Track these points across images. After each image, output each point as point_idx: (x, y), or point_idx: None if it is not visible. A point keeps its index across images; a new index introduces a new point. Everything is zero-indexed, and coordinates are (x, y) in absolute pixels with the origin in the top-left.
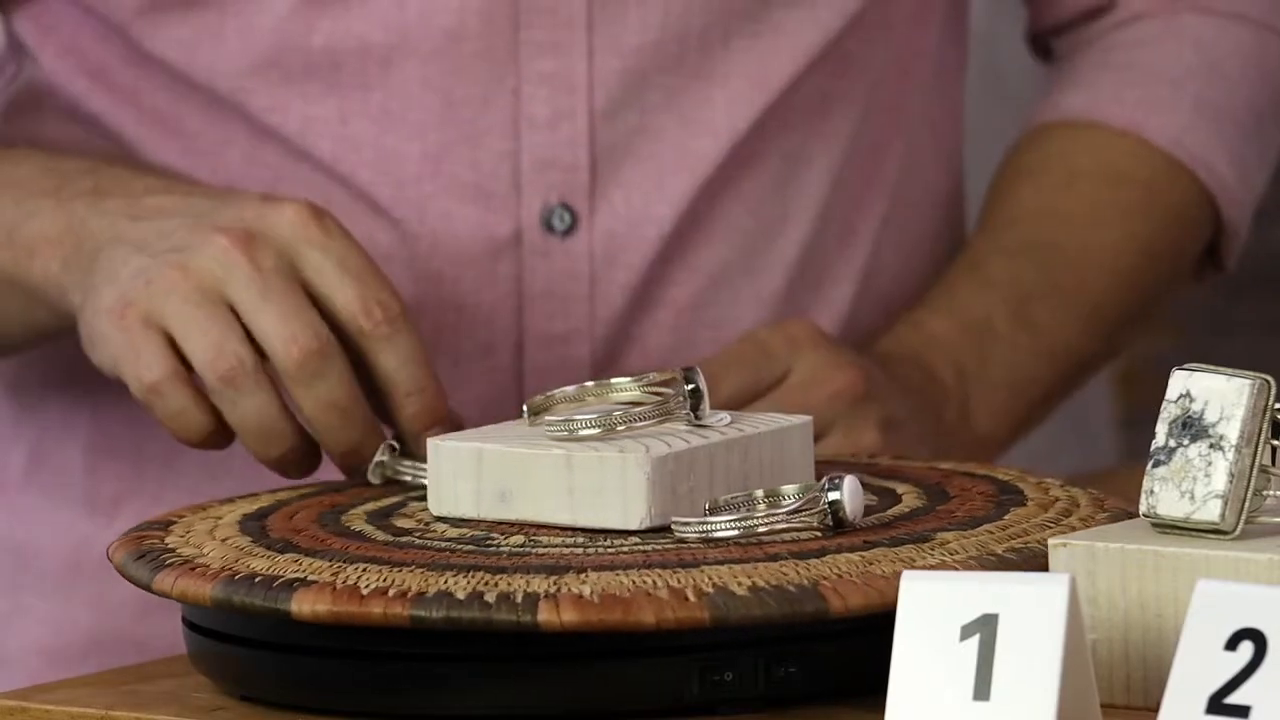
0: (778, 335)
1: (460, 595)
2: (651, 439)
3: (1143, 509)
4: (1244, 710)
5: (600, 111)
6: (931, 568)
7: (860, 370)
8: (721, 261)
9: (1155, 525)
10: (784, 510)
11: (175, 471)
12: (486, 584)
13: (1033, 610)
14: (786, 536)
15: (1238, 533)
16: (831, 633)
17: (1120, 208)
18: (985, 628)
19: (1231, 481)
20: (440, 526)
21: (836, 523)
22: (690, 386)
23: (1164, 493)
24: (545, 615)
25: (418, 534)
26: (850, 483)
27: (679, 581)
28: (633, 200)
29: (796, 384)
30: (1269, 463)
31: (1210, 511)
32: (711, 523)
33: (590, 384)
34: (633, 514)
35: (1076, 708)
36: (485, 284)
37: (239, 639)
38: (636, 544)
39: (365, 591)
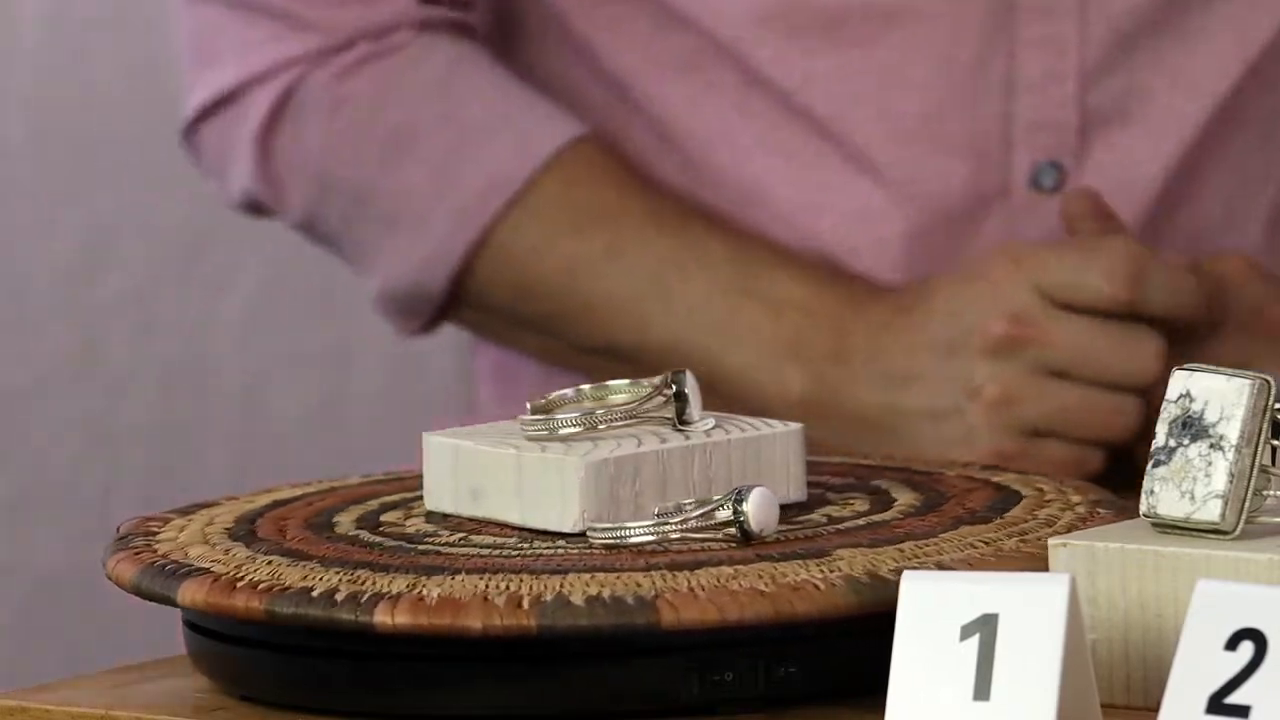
0: (1210, 274)
1: (316, 592)
2: (615, 440)
3: (1143, 509)
4: (1244, 710)
5: (1090, 73)
6: (790, 587)
7: None
8: (1204, 218)
9: (1155, 525)
10: (691, 518)
11: None
12: (354, 582)
13: (1033, 610)
14: (696, 545)
15: (1238, 533)
16: (832, 633)
17: None
18: (985, 628)
19: (1231, 481)
20: (413, 524)
21: (744, 534)
22: (674, 390)
23: (1164, 493)
24: (381, 616)
25: (377, 530)
26: (757, 495)
27: (530, 588)
28: (1120, 160)
29: (1232, 323)
30: (1269, 463)
31: (1210, 511)
32: (627, 528)
33: (587, 387)
34: (567, 517)
35: (1076, 708)
36: (975, 240)
37: (239, 639)
38: (560, 547)
39: (240, 584)
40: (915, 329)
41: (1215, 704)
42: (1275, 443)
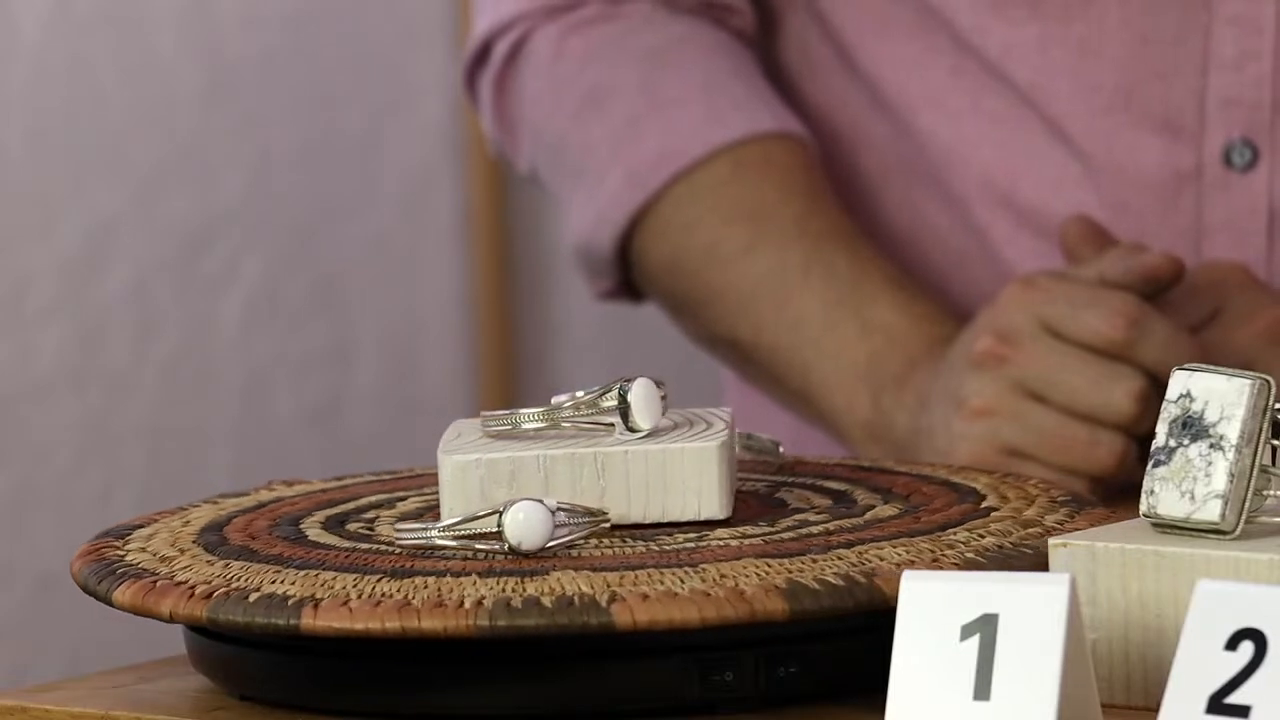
0: (1204, 276)
1: (117, 570)
2: (539, 441)
3: (1143, 509)
4: (1244, 710)
5: None
6: (434, 604)
7: None
8: None
9: (1155, 525)
10: (450, 526)
11: None
12: (154, 561)
13: (1033, 610)
14: (468, 555)
15: (1238, 533)
16: (831, 632)
17: None
18: (985, 628)
19: (1232, 481)
20: (377, 520)
21: (511, 546)
22: (622, 394)
23: (1164, 493)
24: (117, 595)
25: (341, 526)
26: (522, 508)
27: (243, 584)
28: None
29: (1221, 323)
30: (1269, 463)
31: (1210, 511)
32: (426, 531)
33: (580, 393)
34: (444, 514)
35: (1076, 708)
36: (1167, 215)
37: (239, 639)
38: (390, 547)
39: (85, 557)
40: (945, 356)
41: (1215, 704)
42: (1275, 443)
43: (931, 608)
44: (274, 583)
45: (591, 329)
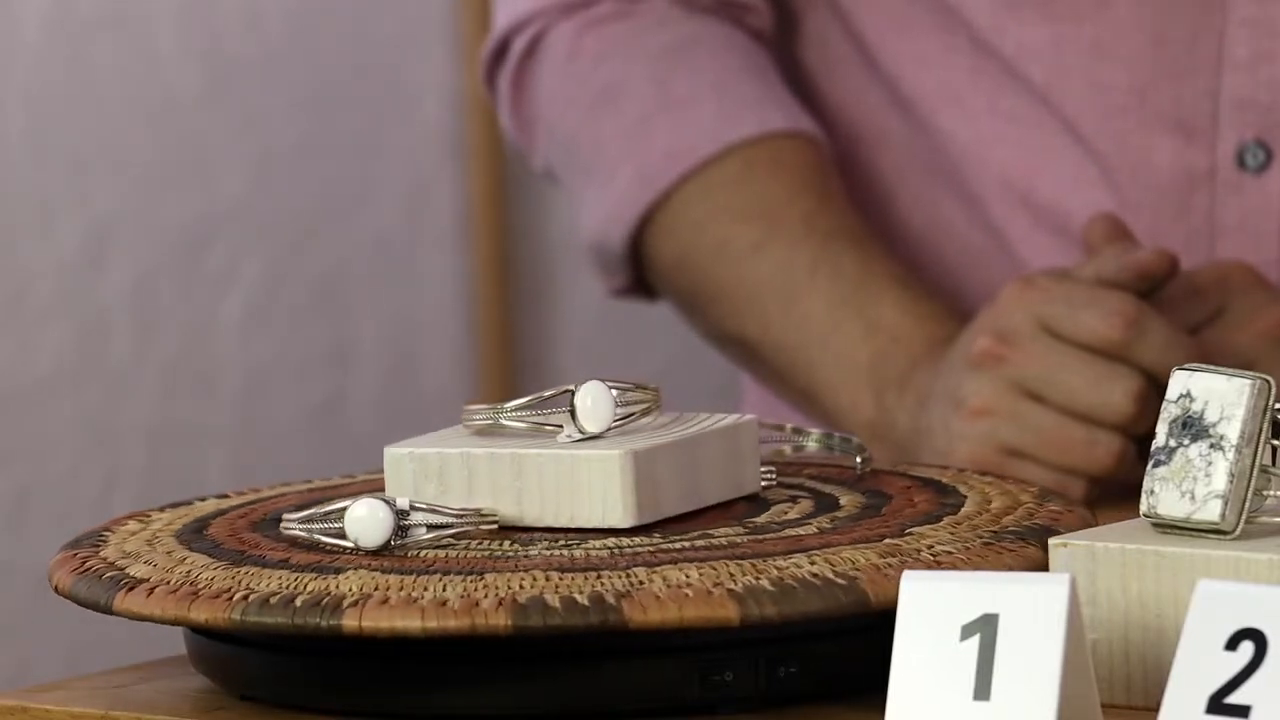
0: (1208, 275)
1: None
2: (493, 439)
3: (1143, 509)
4: (1244, 710)
5: None
6: (219, 599)
7: None
8: None
9: (1155, 525)
10: (323, 517)
11: None
12: (108, 550)
13: (1033, 610)
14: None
15: (1238, 533)
16: (831, 633)
17: None
18: (985, 628)
19: (1232, 481)
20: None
21: (355, 544)
22: (570, 396)
23: (1164, 493)
24: (53, 576)
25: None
26: (357, 507)
27: (127, 563)
28: None
29: (1224, 323)
30: (1269, 463)
31: (1210, 511)
32: (294, 520)
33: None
34: None
35: (1076, 708)
36: (1180, 216)
37: (239, 639)
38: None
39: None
40: (945, 356)
41: (1215, 704)
42: (1275, 443)
43: (931, 608)
44: (147, 563)
45: (591, 329)
